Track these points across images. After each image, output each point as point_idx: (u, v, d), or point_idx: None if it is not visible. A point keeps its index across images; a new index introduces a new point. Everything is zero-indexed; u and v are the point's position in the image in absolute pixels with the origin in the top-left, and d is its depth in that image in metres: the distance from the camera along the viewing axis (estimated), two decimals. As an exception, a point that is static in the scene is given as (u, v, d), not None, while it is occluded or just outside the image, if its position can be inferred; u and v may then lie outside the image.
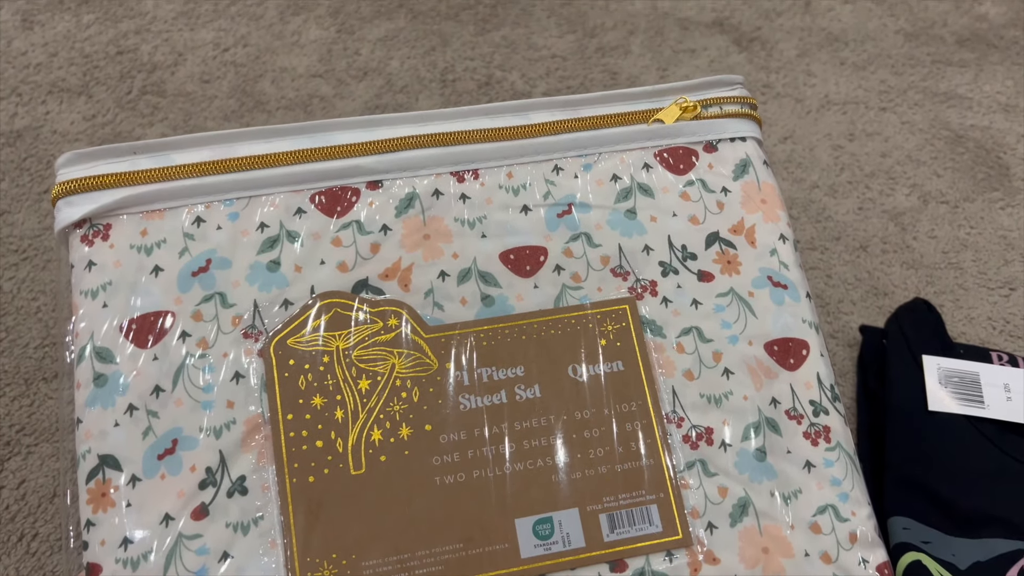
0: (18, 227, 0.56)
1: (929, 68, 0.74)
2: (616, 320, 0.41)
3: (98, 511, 0.36)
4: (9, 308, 0.53)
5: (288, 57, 0.67)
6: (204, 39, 0.67)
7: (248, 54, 0.67)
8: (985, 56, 0.76)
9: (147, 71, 0.65)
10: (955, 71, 0.75)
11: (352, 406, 0.38)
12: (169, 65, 0.66)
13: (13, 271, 0.54)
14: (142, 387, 0.37)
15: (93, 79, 0.64)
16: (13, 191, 0.58)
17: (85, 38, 0.66)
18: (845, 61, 0.75)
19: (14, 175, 0.59)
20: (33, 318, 0.53)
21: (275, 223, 0.40)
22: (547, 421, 0.39)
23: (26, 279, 0.54)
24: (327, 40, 0.69)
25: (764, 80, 0.73)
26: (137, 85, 0.64)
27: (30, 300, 0.53)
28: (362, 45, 0.69)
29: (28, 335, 0.52)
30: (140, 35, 0.67)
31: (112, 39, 0.67)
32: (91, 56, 0.65)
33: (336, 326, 0.39)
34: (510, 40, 0.71)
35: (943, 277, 0.63)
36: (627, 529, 0.37)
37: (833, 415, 0.41)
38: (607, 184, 0.43)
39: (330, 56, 0.68)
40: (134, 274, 0.39)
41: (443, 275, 0.40)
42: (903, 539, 0.45)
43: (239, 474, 0.37)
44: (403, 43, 0.70)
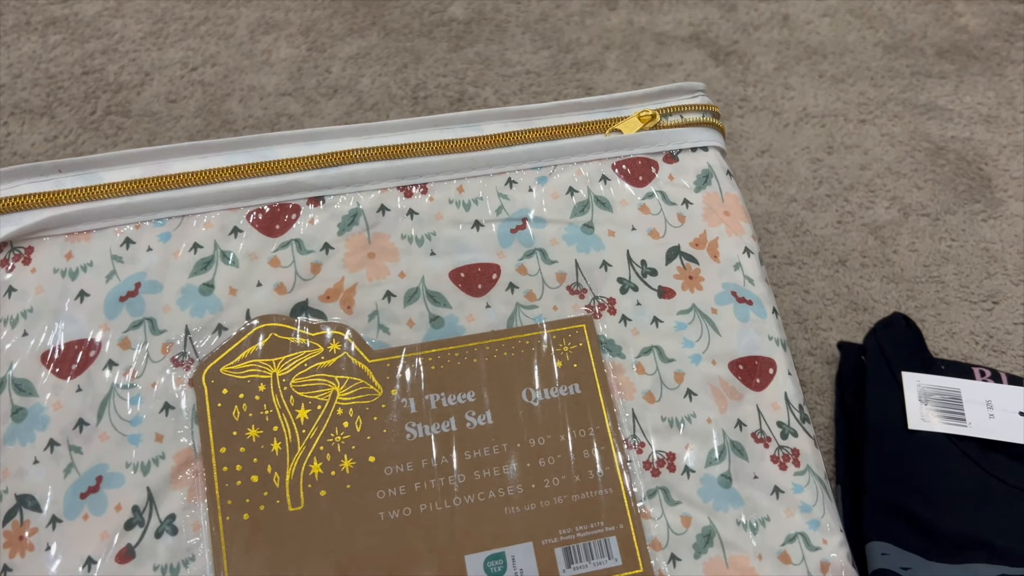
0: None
1: (909, 80, 0.73)
2: (572, 340, 0.38)
3: (15, 555, 0.34)
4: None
5: (257, 76, 0.66)
6: (172, 58, 0.67)
7: (216, 73, 0.66)
8: (965, 67, 0.75)
9: (112, 91, 0.65)
10: (935, 83, 0.74)
11: (290, 437, 0.36)
12: (135, 85, 0.65)
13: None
14: (64, 421, 0.35)
15: (56, 99, 0.63)
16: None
17: (51, 59, 0.66)
18: (824, 74, 0.74)
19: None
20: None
21: (209, 243, 0.38)
22: (499, 449, 0.36)
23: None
24: (297, 58, 0.68)
25: (741, 94, 0.72)
26: (101, 105, 0.64)
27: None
28: (333, 63, 0.68)
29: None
30: (107, 55, 0.66)
31: (78, 59, 0.66)
32: (56, 77, 0.65)
33: (273, 352, 0.37)
34: (484, 56, 0.70)
35: (924, 291, 0.61)
36: (585, 563, 0.35)
37: (802, 437, 0.38)
38: (563, 197, 0.41)
39: (300, 74, 0.67)
40: (57, 300, 0.37)
41: (389, 296, 0.38)
42: (882, 565, 0.43)
43: (168, 512, 0.34)
44: (375, 60, 0.69)
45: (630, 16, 0.74)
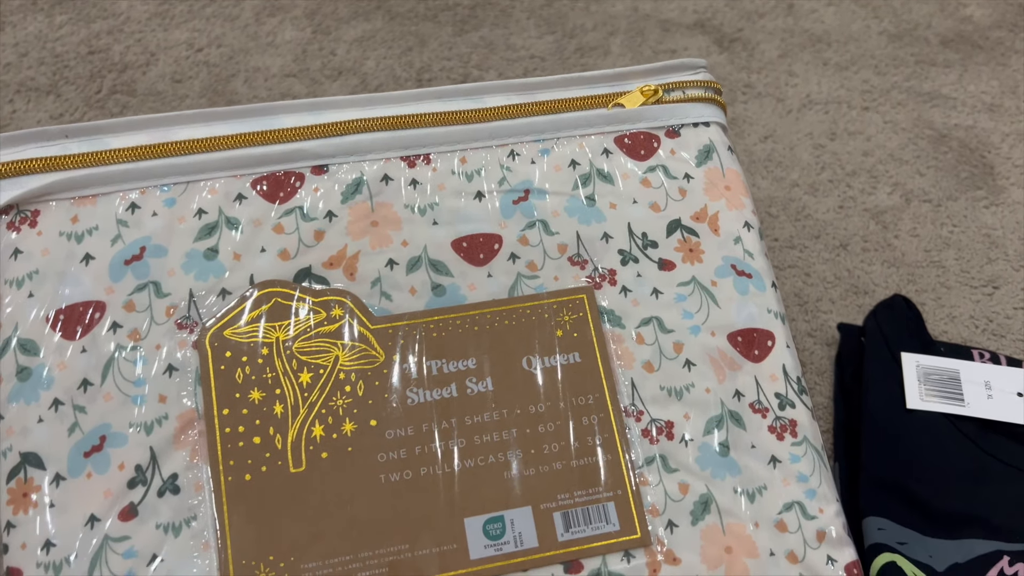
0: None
1: (913, 68, 0.74)
2: (573, 310, 0.39)
3: (19, 512, 0.34)
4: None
5: (262, 57, 0.67)
6: (178, 39, 0.67)
7: (222, 54, 0.66)
8: (970, 57, 0.75)
9: (118, 71, 0.65)
10: (939, 71, 0.74)
11: (292, 401, 0.36)
12: (141, 65, 0.65)
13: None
14: (69, 381, 0.35)
15: (62, 78, 0.64)
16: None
17: (56, 38, 0.66)
18: (828, 62, 0.74)
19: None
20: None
21: (214, 209, 0.38)
22: (499, 416, 0.37)
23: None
24: (302, 40, 0.68)
25: (745, 80, 0.72)
26: (107, 84, 0.64)
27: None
28: (338, 45, 0.68)
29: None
30: (112, 35, 0.67)
31: (84, 39, 0.66)
32: (62, 56, 0.65)
33: (276, 317, 0.37)
34: (488, 40, 0.71)
35: (925, 275, 0.62)
36: (583, 528, 0.35)
37: (800, 408, 0.39)
38: (565, 170, 0.41)
39: (305, 56, 0.67)
40: (63, 262, 0.37)
41: (391, 263, 0.39)
42: (878, 540, 0.43)
43: (171, 472, 0.35)
44: (379, 43, 0.69)
45: (635, 2, 0.75)
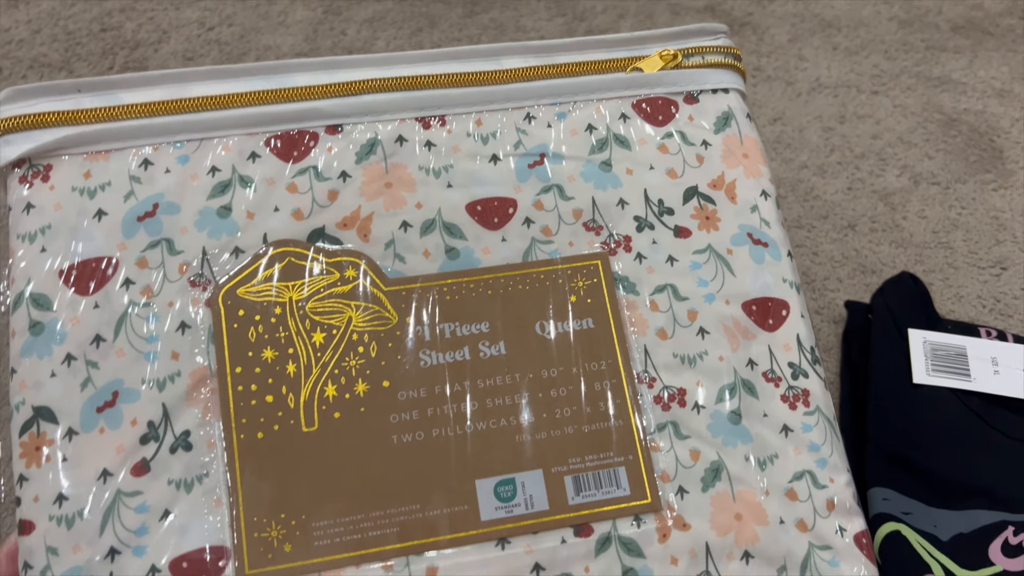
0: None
1: (923, 54, 0.73)
2: (587, 276, 0.39)
3: (31, 466, 0.34)
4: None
5: (273, 36, 0.67)
6: (189, 18, 0.67)
7: (233, 33, 0.67)
8: (980, 43, 0.74)
9: (130, 48, 0.65)
10: (949, 57, 0.73)
11: (305, 360, 0.36)
12: (153, 43, 0.66)
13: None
14: (81, 336, 0.35)
15: (75, 55, 0.64)
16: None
17: (69, 16, 0.66)
18: (837, 46, 0.74)
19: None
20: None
21: (227, 167, 0.38)
22: (512, 379, 0.37)
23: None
24: (313, 20, 0.68)
25: (755, 63, 0.72)
26: (119, 61, 0.64)
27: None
28: (348, 25, 0.68)
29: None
30: (125, 13, 0.67)
31: (96, 17, 0.66)
32: (74, 33, 0.65)
33: (289, 276, 0.37)
34: (498, 22, 0.70)
35: (933, 256, 0.62)
36: (593, 492, 0.35)
37: (813, 378, 0.39)
38: (582, 134, 0.41)
39: (315, 36, 0.67)
40: (75, 217, 0.37)
41: (405, 225, 0.38)
42: (882, 510, 0.43)
43: (183, 429, 0.35)
44: (390, 24, 0.69)
45: (646, -13, 0.74)
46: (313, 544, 0.34)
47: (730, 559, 0.35)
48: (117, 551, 0.33)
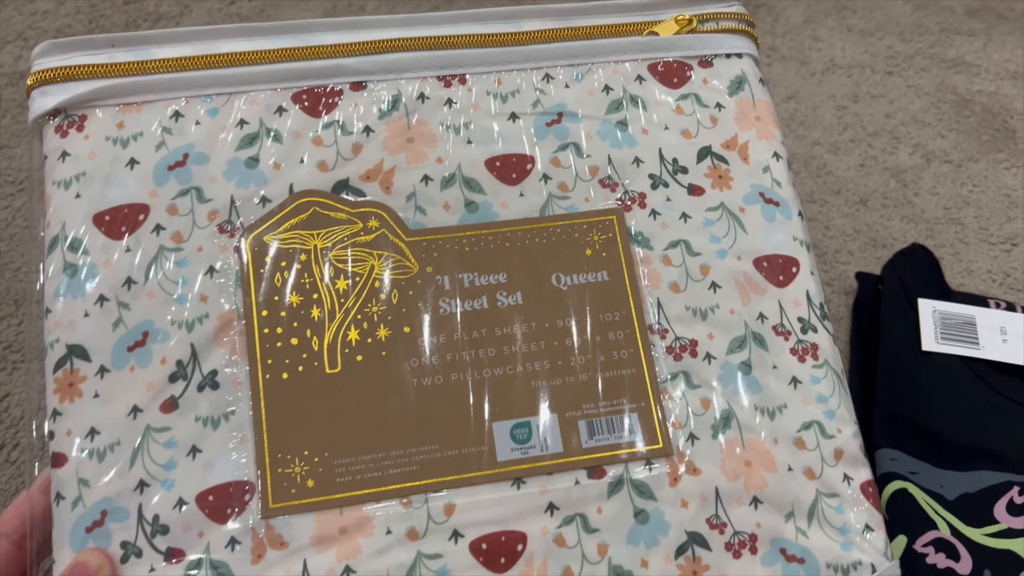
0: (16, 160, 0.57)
1: (937, 36, 0.74)
2: (603, 231, 0.40)
3: (64, 401, 0.35)
4: (3, 234, 0.53)
5: (293, 11, 0.69)
6: None
7: (254, 8, 0.69)
8: (994, 26, 0.75)
9: (152, 20, 0.67)
10: (963, 39, 0.74)
11: (329, 306, 0.37)
12: (175, 16, 0.67)
13: (9, 200, 0.55)
14: (113, 278, 0.36)
15: (98, 26, 0.66)
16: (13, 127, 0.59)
17: None
18: (852, 28, 0.75)
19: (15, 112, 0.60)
20: (26, 245, 0.53)
21: (255, 120, 0.39)
22: (528, 328, 0.38)
23: (21, 208, 0.54)
24: None
25: (769, 43, 0.73)
26: None
27: (23, 228, 0.54)
28: (367, 2, 0.69)
29: (20, 260, 0.52)
30: None
31: None
32: (97, 5, 0.67)
33: (314, 225, 0.38)
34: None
35: (943, 231, 0.62)
36: (606, 436, 0.37)
37: (822, 333, 0.40)
38: (598, 95, 0.42)
39: (335, 11, 0.69)
40: (109, 166, 0.38)
41: (426, 179, 0.39)
42: (890, 469, 0.44)
43: (210, 368, 0.36)
44: (408, 0, 0.70)
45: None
46: (335, 480, 0.35)
47: (739, 504, 0.36)
48: (146, 484, 0.34)
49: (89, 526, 0.34)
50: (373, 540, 0.34)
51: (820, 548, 0.36)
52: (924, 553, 0.41)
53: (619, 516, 0.36)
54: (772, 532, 0.36)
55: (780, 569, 0.36)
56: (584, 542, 0.35)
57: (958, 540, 0.41)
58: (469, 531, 0.35)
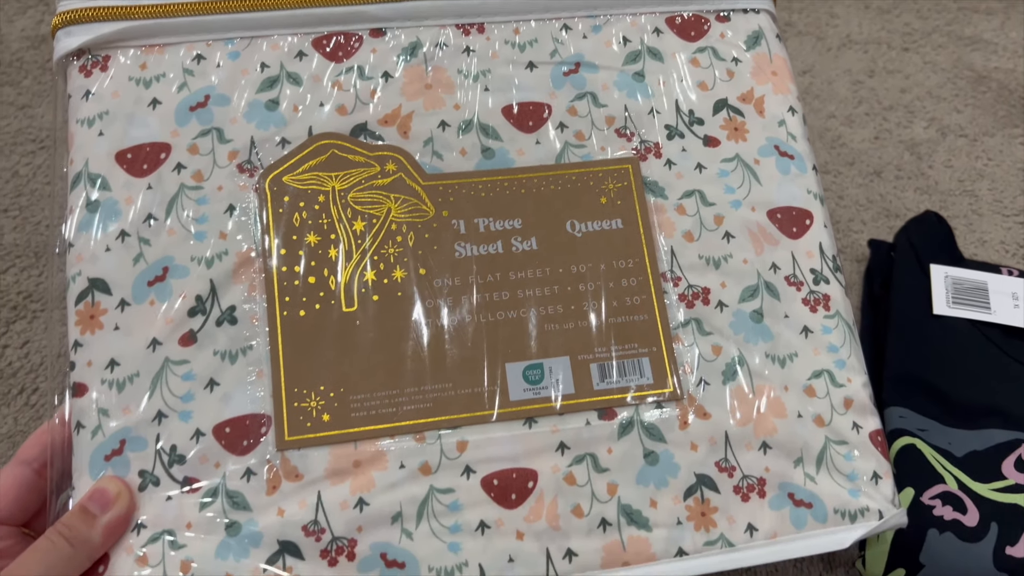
0: (37, 120, 0.58)
1: (955, 14, 0.74)
2: (618, 179, 0.40)
3: (86, 332, 0.36)
4: (24, 190, 0.54)
5: None
6: None
7: None
8: (1013, 5, 0.75)
9: None
10: (981, 17, 0.74)
11: (346, 246, 0.38)
12: None
13: (30, 158, 0.56)
14: (135, 215, 0.37)
15: None
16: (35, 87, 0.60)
17: None
18: (869, 5, 0.74)
19: (36, 74, 0.61)
20: (46, 199, 0.54)
21: (276, 64, 0.40)
22: (542, 273, 0.38)
23: (42, 165, 0.55)
24: None
25: (786, 19, 0.73)
26: None
27: (44, 184, 0.54)
28: None
29: (40, 214, 0.53)
30: None
31: None
32: None
33: (333, 167, 0.38)
34: None
35: (957, 203, 0.62)
36: (617, 380, 0.37)
37: (834, 284, 0.40)
38: (616, 46, 0.42)
39: None
40: (132, 105, 0.38)
41: (443, 125, 0.40)
42: (898, 426, 0.44)
43: (229, 304, 0.36)
44: None
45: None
46: (350, 415, 0.35)
47: (748, 448, 0.37)
48: (164, 415, 0.35)
49: (108, 454, 0.34)
50: (387, 474, 0.35)
51: (828, 494, 0.37)
52: (931, 505, 0.41)
53: (629, 457, 0.36)
54: (780, 477, 0.37)
55: (788, 513, 0.36)
56: (594, 481, 0.36)
57: (965, 494, 0.42)
58: (481, 467, 0.35)
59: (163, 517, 0.34)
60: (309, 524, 0.34)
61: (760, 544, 0.36)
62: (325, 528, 0.34)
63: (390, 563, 0.34)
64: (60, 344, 0.37)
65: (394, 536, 0.34)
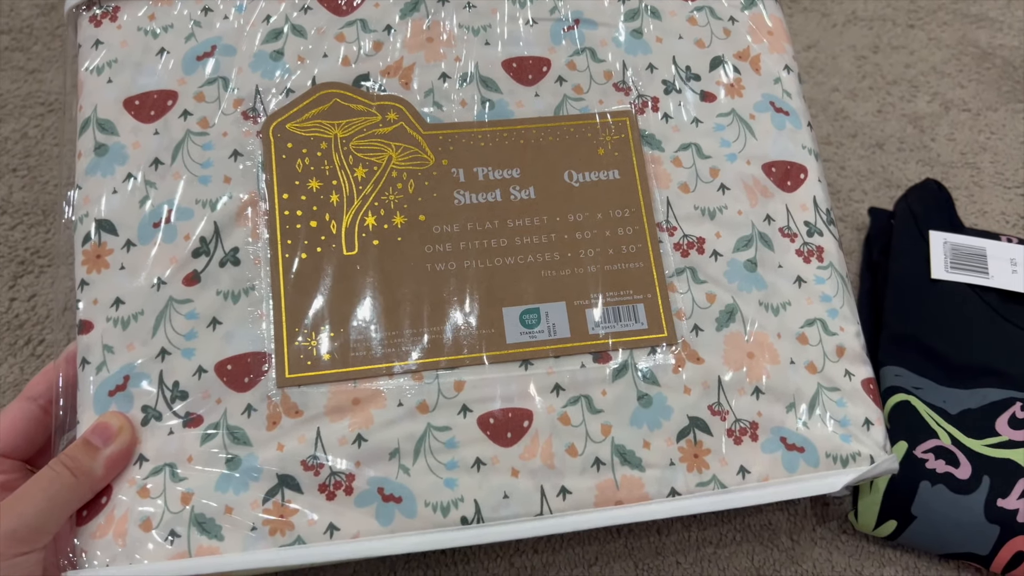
0: (46, 84, 0.59)
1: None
2: (616, 131, 0.41)
3: (92, 272, 0.37)
4: (33, 151, 0.55)
5: None
6: None
7: None
8: (1020, -16, 0.75)
9: None
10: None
11: (348, 192, 0.38)
12: None
13: (39, 120, 0.57)
14: (141, 159, 0.38)
15: None
16: (45, 53, 0.61)
17: None
18: (875, -17, 0.75)
19: (46, 40, 0.61)
20: (54, 160, 0.55)
21: (281, 17, 0.41)
22: (540, 221, 0.39)
23: (50, 128, 0.56)
24: None
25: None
26: None
27: (52, 145, 0.55)
28: None
29: (48, 174, 0.54)
30: None
31: None
32: None
33: (335, 115, 0.39)
34: None
35: (959, 175, 0.63)
36: (612, 324, 0.37)
37: (827, 237, 0.40)
38: (615, 3, 0.43)
39: None
40: (140, 54, 0.39)
41: (444, 77, 0.41)
42: (894, 384, 0.45)
43: (232, 246, 0.37)
44: None
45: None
46: (349, 355, 0.36)
47: (741, 393, 0.37)
48: (168, 352, 0.36)
49: (112, 390, 0.35)
50: (385, 411, 0.35)
51: (820, 438, 0.37)
52: (924, 459, 0.41)
53: (623, 399, 0.37)
54: (773, 421, 0.37)
55: (780, 457, 0.37)
56: (588, 422, 0.36)
57: (958, 449, 0.42)
58: (477, 407, 0.36)
59: (165, 451, 0.35)
60: (308, 459, 0.35)
61: (752, 486, 0.36)
62: (324, 463, 0.35)
63: (387, 497, 0.34)
64: (67, 298, 0.38)
65: (391, 471, 0.35)
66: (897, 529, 0.42)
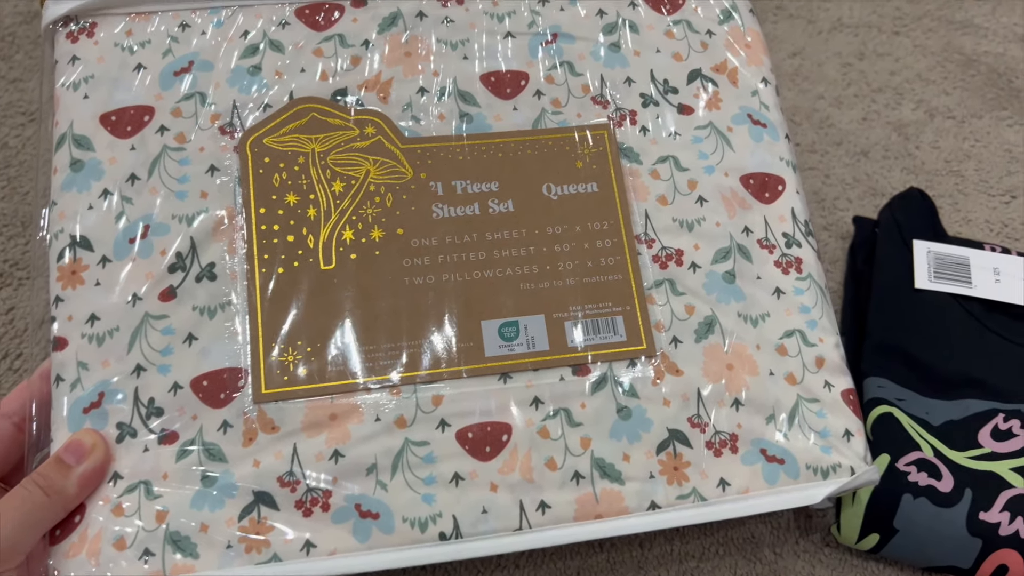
0: (28, 93, 0.58)
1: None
2: (594, 144, 0.41)
3: (67, 288, 0.36)
4: (13, 161, 0.55)
5: None
6: None
7: None
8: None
9: None
10: (972, 3, 0.74)
11: (325, 206, 0.38)
12: None
13: (20, 130, 0.56)
14: (118, 174, 0.38)
15: None
16: (26, 62, 0.60)
17: None
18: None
19: (28, 49, 0.61)
20: (34, 171, 0.54)
21: (259, 32, 0.41)
22: (518, 234, 0.39)
23: (31, 137, 0.56)
24: None
25: (776, 2, 0.73)
26: None
27: (33, 156, 0.55)
28: None
29: (28, 185, 0.54)
30: None
31: None
32: None
33: (313, 129, 0.39)
34: None
35: (943, 183, 0.63)
36: (592, 337, 0.37)
37: (806, 248, 0.40)
38: (593, 18, 0.43)
39: None
40: (117, 70, 0.39)
41: (422, 91, 0.41)
42: (877, 395, 0.44)
43: (208, 261, 0.37)
44: None
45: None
46: (326, 370, 0.36)
47: (720, 405, 0.37)
48: (143, 368, 0.35)
49: (87, 407, 0.35)
50: (362, 427, 0.35)
51: (800, 450, 0.37)
52: (906, 471, 0.41)
53: (602, 412, 0.36)
54: (753, 433, 0.37)
55: (760, 468, 0.37)
56: (567, 435, 0.36)
57: (941, 461, 0.42)
58: (456, 421, 0.36)
59: (140, 468, 0.34)
60: (284, 475, 0.34)
61: (732, 499, 0.36)
62: (300, 479, 0.34)
63: (364, 514, 0.34)
64: (44, 311, 0.38)
65: (369, 487, 0.34)
66: (880, 542, 0.42)
